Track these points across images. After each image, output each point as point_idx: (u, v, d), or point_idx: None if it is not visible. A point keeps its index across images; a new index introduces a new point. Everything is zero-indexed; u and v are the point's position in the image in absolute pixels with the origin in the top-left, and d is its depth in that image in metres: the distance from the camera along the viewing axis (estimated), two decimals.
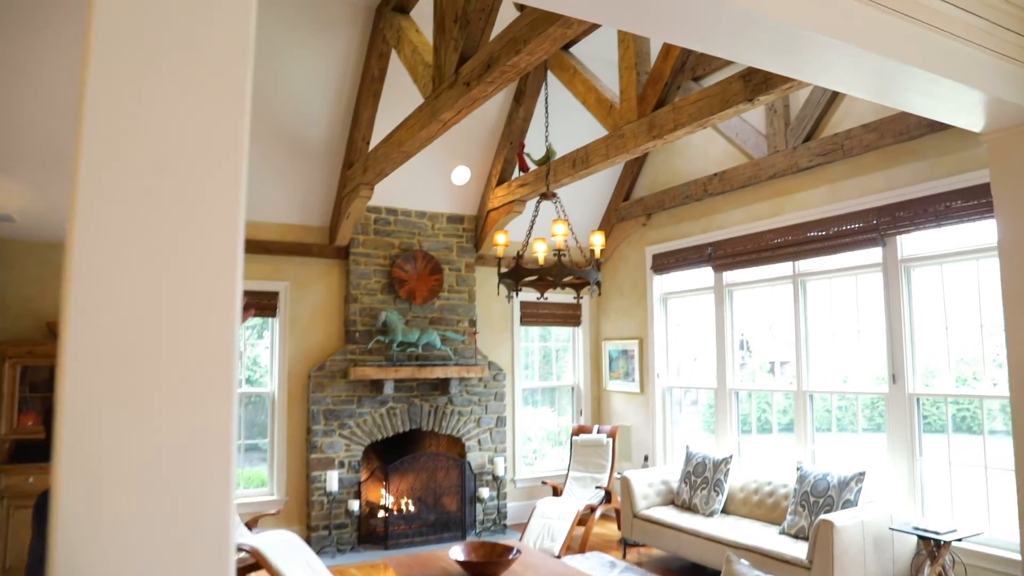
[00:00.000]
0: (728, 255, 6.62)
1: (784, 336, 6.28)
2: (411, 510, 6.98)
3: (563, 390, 8.49)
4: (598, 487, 6.79)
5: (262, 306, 6.63)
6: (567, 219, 4.96)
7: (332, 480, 6.56)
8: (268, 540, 5.11)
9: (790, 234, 5.99)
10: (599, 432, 7.24)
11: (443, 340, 7.19)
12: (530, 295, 7.46)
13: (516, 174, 6.90)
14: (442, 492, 7.22)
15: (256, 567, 4.82)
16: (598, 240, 5.07)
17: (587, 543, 6.36)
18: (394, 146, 5.27)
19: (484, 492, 7.23)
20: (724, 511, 6.01)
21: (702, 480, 6.08)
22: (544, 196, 5.21)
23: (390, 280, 7.10)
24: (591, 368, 8.45)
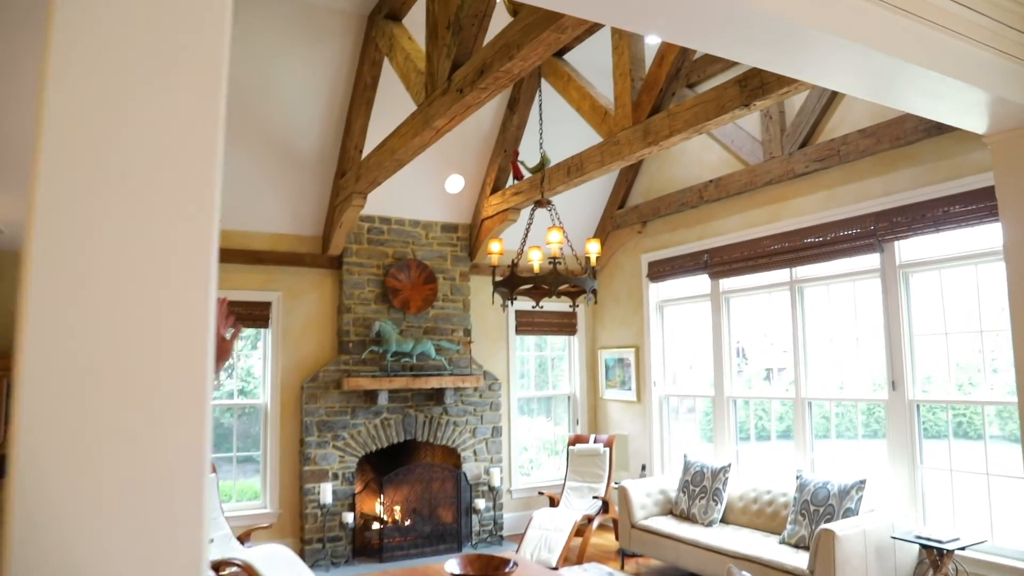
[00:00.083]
0: (724, 262, 6.57)
1: (781, 343, 6.23)
2: (406, 522, 6.90)
3: (559, 399, 8.43)
4: (595, 497, 6.72)
5: (253, 317, 6.55)
6: (562, 227, 4.91)
7: (326, 492, 6.47)
8: (260, 554, 5.04)
9: (787, 240, 5.95)
10: (596, 441, 7.18)
11: (438, 350, 7.12)
12: (525, 304, 7.37)
13: (510, 182, 6.86)
14: (437, 503, 7.13)
15: None
16: (594, 248, 5.02)
17: (584, 554, 6.29)
18: (387, 154, 5.22)
19: (480, 503, 7.15)
20: (723, 520, 5.94)
21: (700, 489, 6.01)
22: (539, 203, 5.16)
23: (384, 290, 7.04)
24: (587, 377, 8.39)
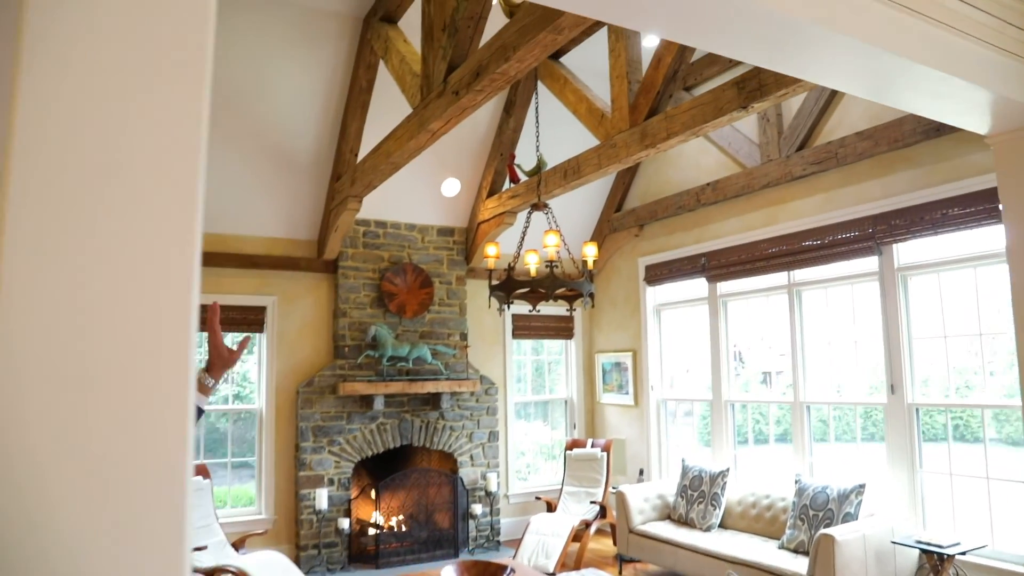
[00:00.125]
0: (722, 265, 6.55)
1: (778, 346, 6.21)
2: (403, 528, 6.85)
3: (556, 404, 8.39)
4: (593, 502, 6.68)
5: (247, 321, 6.50)
6: (559, 230, 4.88)
7: (321, 498, 6.42)
8: (255, 561, 4.99)
9: (785, 244, 5.93)
10: (593, 446, 7.14)
11: (434, 354, 7.08)
12: (522, 308, 7.37)
13: (507, 185, 6.83)
14: (434, 509, 7.08)
15: None
16: (591, 251, 4.98)
17: (582, 560, 6.24)
18: (382, 157, 5.19)
19: (477, 508, 7.10)
20: (722, 525, 5.90)
21: (699, 494, 5.97)
22: (535, 207, 5.13)
23: (379, 294, 6.99)
24: (584, 381, 8.35)
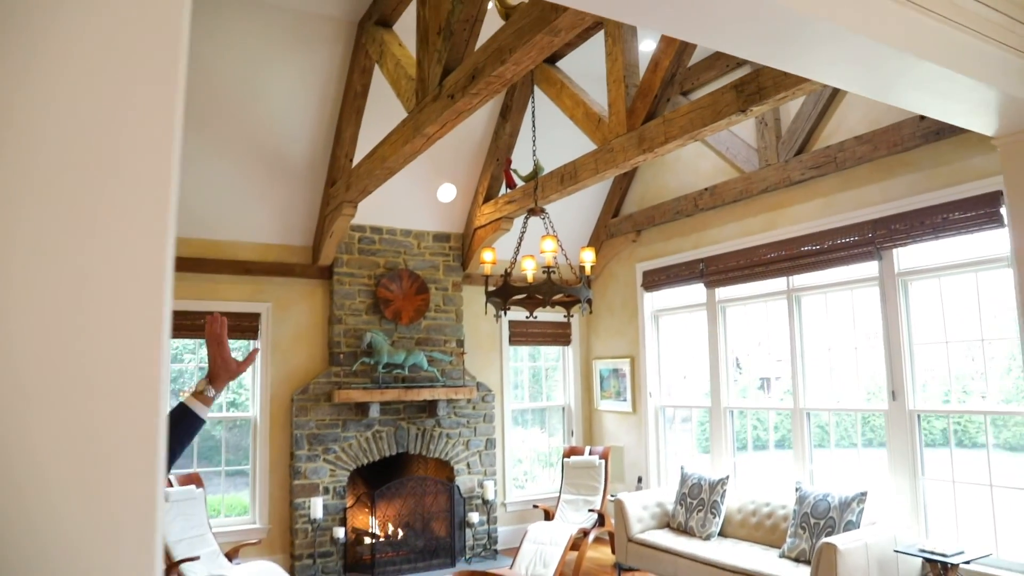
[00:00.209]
0: (720, 271, 6.49)
1: (776, 352, 6.15)
2: (399, 537, 6.77)
3: (553, 410, 8.32)
4: (591, 510, 6.61)
5: (241, 328, 6.43)
6: (556, 235, 4.82)
7: (316, 507, 6.34)
8: (249, 572, 4.92)
9: (783, 249, 5.88)
10: (591, 453, 7.07)
11: (430, 361, 7.01)
12: (519, 314, 7.31)
13: (503, 191, 6.78)
14: (431, 517, 7.01)
15: None
16: (588, 257, 4.93)
17: (580, 569, 6.17)
18: (377, 162, 5.13)
19: (474, 517, 7.03)
20: (721, 534, 5.84)
21: (698, 502, 5.91)
22: (532, 212, 5.08)
23: (375, 300, 6.93)
24: (582, 388, 8.29)
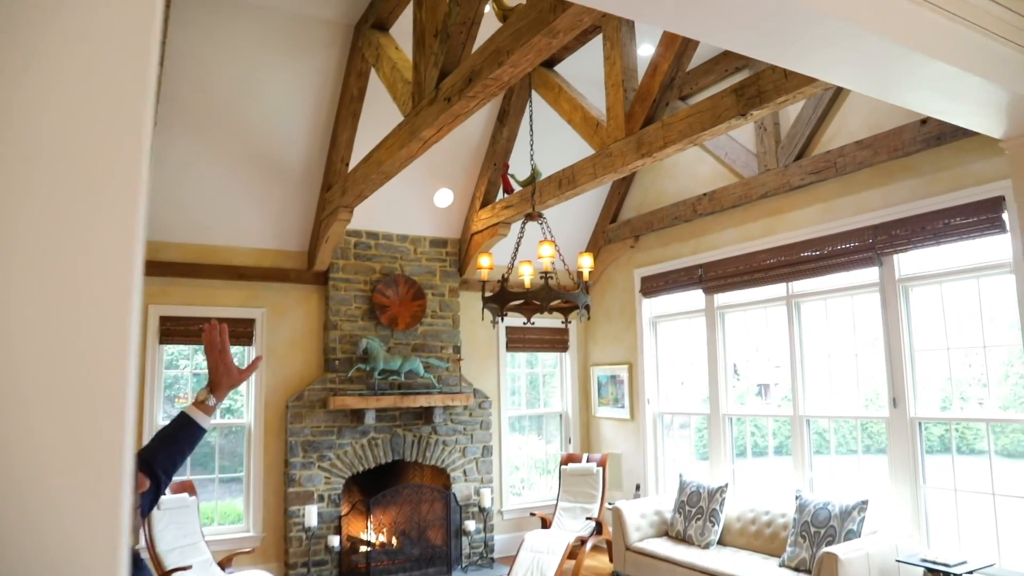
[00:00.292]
0: (719, 277, 6.44)
1: (774, 358, 6.10)
2: (394, 545, 6.70)
3: (551, 417, 8.26)
4: (588, 518, 6.54)
5: (236, 334, 6.36)
6: (554, 241, 4.77)
7: (311, 515, 6.26)
8: None
9: (783, 254, 5.83)
10: (588, 461, 7.01)
11: (426, 367, 6.95)
12: (516, 320, 7.24)
13: (500, 196, 6.73)
14: (427, 525, 6.93)
15: None
16: (586, 262, 4.88)
17: None
18: (373, 166, 5.08)
19: (470, 525, 6.96)
20: (720, 542, 5.77)
21: (697, 510, 5.85)
22: (530, 217, 5.02)
23: (371, 306, 6.87)
24: (579, 394, 8.22)
